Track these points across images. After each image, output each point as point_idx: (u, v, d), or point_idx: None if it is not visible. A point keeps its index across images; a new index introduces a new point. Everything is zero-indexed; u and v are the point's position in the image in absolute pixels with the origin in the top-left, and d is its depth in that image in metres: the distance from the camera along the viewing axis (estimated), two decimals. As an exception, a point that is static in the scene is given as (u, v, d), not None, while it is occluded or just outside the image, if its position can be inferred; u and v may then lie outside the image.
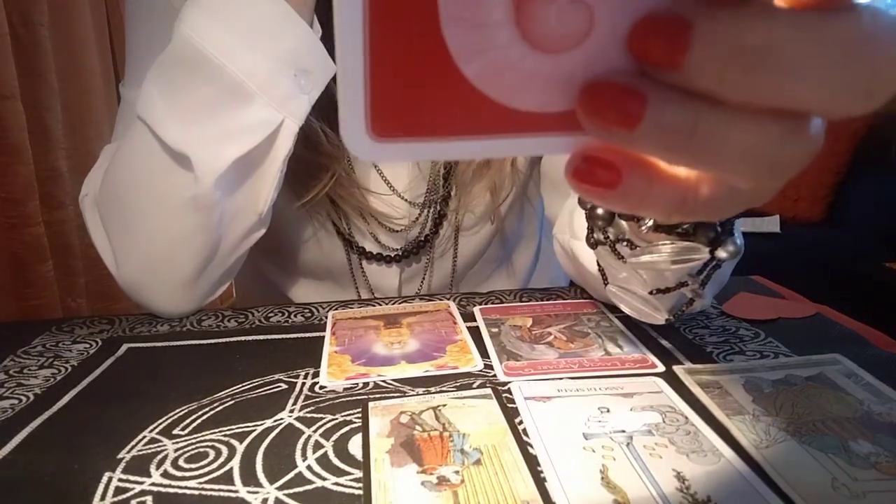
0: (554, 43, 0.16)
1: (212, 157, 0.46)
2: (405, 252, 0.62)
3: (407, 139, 0.16)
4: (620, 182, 0.17)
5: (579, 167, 0.17)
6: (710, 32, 0.15)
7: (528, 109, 0.17)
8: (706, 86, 0.15)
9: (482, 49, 0.16)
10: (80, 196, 0.56)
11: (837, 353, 0.41)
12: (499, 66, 0.16)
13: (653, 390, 0.38)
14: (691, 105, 0.16)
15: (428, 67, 0.16)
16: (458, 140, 0.17)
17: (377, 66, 0.15)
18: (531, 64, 0.16)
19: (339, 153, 0.57)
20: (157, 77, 0.47)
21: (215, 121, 0.46)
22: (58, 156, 1.23)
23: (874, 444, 0.32)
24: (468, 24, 0.15)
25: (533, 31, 0.16)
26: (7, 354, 0.47)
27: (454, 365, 0.43)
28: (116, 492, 0.31)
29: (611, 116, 0.16)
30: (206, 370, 0.44)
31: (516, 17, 0.15)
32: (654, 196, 0.18)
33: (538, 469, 0.31)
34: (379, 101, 0.16)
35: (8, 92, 1.10)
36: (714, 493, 0.28)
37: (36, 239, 1.18)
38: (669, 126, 0.16)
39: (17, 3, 1.13)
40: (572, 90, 0.16)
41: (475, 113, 0.16)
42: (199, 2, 0.45)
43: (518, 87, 0.16)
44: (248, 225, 0.52)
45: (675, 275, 0.39)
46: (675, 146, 0.16)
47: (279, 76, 0.46)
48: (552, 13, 0.15)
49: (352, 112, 0.16)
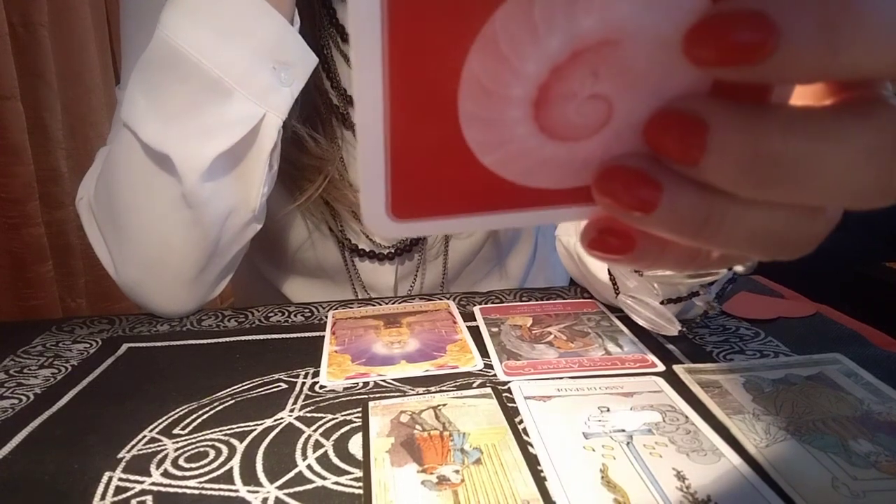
0: (571, 133, 0.16)
1: (193, 155, 0.46)
2: (398, 250, 0.63)
3: (425, 219, 0.17)
4: (634, 248, 0.17)
5: (595, 238, 0.18)
6: (726, 140, 0.14)
7: (543, 188, 0.17)
8: (721, 185, 0.15)
9: (500, 143, 0.16)
10: (77, 199, 0.56)
11: (837, 352, 0.41)
12: (516, 155, 0.16)
13: (653, 390, 0.38)
14: (705, 195, 0.16)
15: (446, 157, 0.16)
16: (474, 216, 0.17)
17: (397, 155, 0.15)
18: (548, 151, 0.16)
19: (330, 155, 0.57)
20: (138, 80, 0.48)
21: (195, 118, 0.46)
22: (58, 156, 1.23)
23: (874, 444, 0.32)
24: (487, 122, 0.15)
25: (551, 125, 0.16)
26: (7, 354, 0.47)
27: (454, 364, 0.43)
28: (116, 491, 0.31)
29: (627, 201, 0.16)
30: (206, 370, 0.44)
31: (534, 113, 0.15)
32: (666, 257, 0.18)
33: (538, 468, 0.31)
34: (399, 187, 0.16)
35: (8, 92, 1.10)
36: (714, 493, 0.28)
37: (36, 239, 1.18)
38: (683, 214, 0.16)
39: (17, 3, 1.13)
40: (588, 171, 0.16)
41: (491, 192, 0.17)
42: (176, 3, 0.45)
43: (534, 171, 0.16)
44: (243, 221, 0.52)
45: (688, 286, 0.39)
46: (687, 231, 0.16)
47: (257, 69, 0.46)
48: (571, 108, 0.15)
49: (373, 197, 0.16)
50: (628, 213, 0.16)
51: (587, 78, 0.15)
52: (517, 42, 0.14)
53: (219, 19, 0.45)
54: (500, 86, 0.15)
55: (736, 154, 0.14)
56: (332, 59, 0.58)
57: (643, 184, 0.16)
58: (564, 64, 0.15)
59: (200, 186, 0.47)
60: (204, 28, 0.45)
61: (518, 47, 0.14)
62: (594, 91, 0.15)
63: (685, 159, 0.15)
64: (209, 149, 0.46)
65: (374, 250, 0.62)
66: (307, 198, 0.57)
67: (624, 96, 0.15)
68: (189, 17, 0.45)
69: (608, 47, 0.14)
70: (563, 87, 0.15)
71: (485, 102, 0.15)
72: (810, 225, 0.16)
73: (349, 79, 0.59)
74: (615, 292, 0.46)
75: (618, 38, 0.14)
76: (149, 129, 0.46)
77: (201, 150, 0.46)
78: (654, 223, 0.16)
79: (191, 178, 0.47)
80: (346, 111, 0.59)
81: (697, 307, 0.44)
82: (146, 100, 0.47)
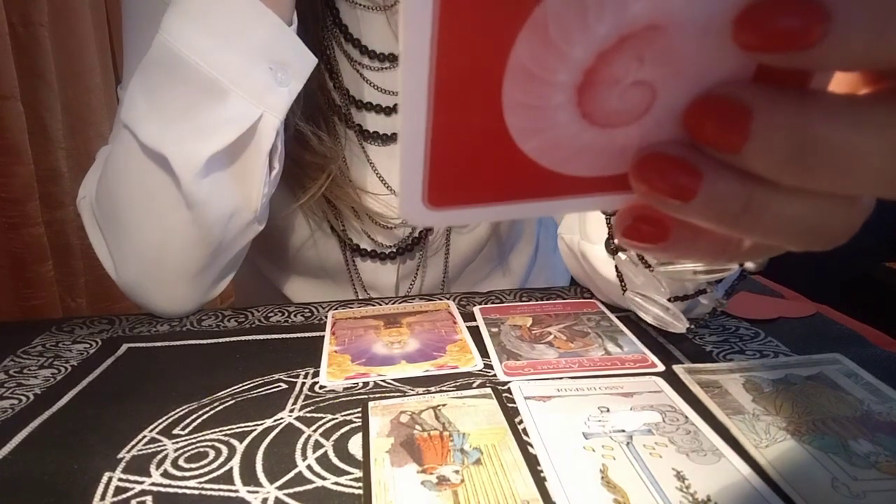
0: (612, 119, 0.16)
1: (188, 154, 0.47)
2: (399, 249, 0.63)
3: (460, 207, 0.17)
4: (668, 237, 0.17)
5: (629, 226, 0.17)
6: (770, 127, 0.14)
7: (579, 175, 0.17)
8: (762, 172, 0.15)
9: (542, 129, 0.16)
10: (78, 198, 0.56)
11: (837, 352, 0.41)
12: (556, 141, 0.16)
13: (653, 390, 0.38)
14: (745, 183, 0.15)
15: (486, 144, 0.16)
16: (508, 204, 0.17)
17: (438, 142, 0.15)
18: (588, 138, 0.16)
19: (333, 153, 0.57)
20: (138, 82, 0.48)
21: (192, 119, 0.46)
22: (58, 156, 1.23)
23: (874, 444, 0.32)
24: (530, 108, 0.15)
25: (593, 111, 0.15)
26: (7, 354, 0.47)
27: (454, 364, 0.43)
28: (116, 491, 0.31)
29: (665, 189, 0.16)
30: (206, 370, 0.44)
31: (577, 99, 0.15)
32: (698, 248, 0.18)
33: (538, 469, 0.31)
34: (436, 174, 0.16)
35: (8, 92, 1.10)
36: (714, 493, 0.28)
37: (36, 239, 1.18)
38: (722, 202, 0.16)
39: (17, 3, 1.13)
40: (625, 159, 0.16)
41: (528, 180, 0.17)
42: (175, 6, 0.46)
43: (573, 158, 0.16)
44: (244, 223, 0.52)
45: (696, 283, 0.39)
46: (725, 220, 0.16)
47: (253, 70, 0.46)
48: (615, 94, 0.15)
49: (410, 184, 0.16)
50: (665, 201, 0.16)
51: (632, 63, 0.15)
52: (566, 27, 0.14)
53: (215, 21, 0.45)
54: (547, 71, 0.15)
55: (779, 141, 0.14)
56: (335, 58, 0.58)
57: (682, 171, 0.16)
58: (611, 49, 0.15)
59: (198, 186, 0.47)
60: (201, 30, 0.45)
61: (567, 33, 0.14)
62: (638, 77, 0.15)
63: (727, 146, 0.15)
64: (205, 148, 0.47)
65: (376, 250, 0.62)
66: (310, 196, 0.57)
67: (667, 83, 0.15)
68: (187, 21, 0.45)
69: (655, 32, 0.14)
70: (608, 73, 0.15)
71: (530, 88, 0.15)
72: (847, 214, 0.16)
73: (351, 79, 0.59)
74: (622, 289, 0.46)
75: (666, 24, 0.14)
76: (147, 130, 0.47)
77: (196, 150, 0.47)
78: (691, 211, 0.16)
79: (187, 177, 0.47)
80: (349, 111, 0.59)
81: (703, 305, 0.44)
82: (146, 101, 0.47)
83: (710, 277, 0.37)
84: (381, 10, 0.58)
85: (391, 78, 0.60)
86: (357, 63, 0.59)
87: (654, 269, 0.39)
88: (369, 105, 0.60)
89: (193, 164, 0.47)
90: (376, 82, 0.59)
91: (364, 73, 0.59)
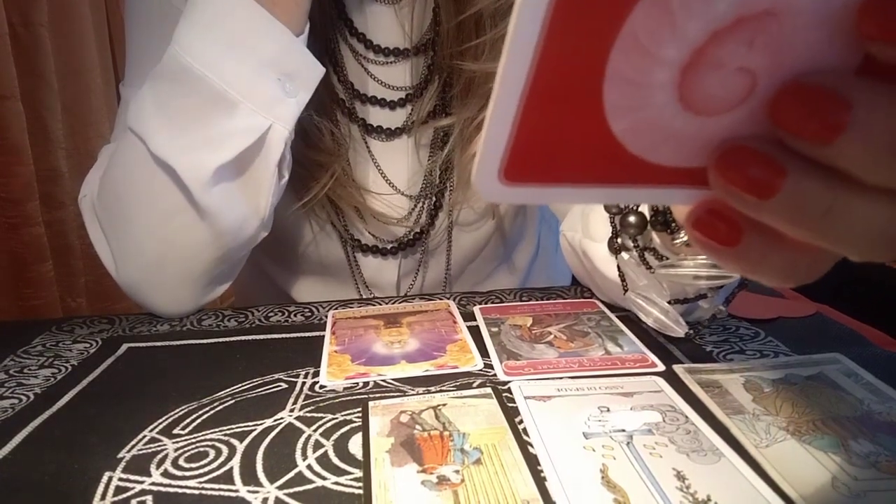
0: (708, 106, 0.15)
1: (195, 165, 0.47)
2: (401, 245, 0.63)
3: (535, 185, 0.16)
4: (740, 242, 0.16)
5: (702, 218, 0.17)
6: (870, 120, 0.14)
7: (662, 164, 0.16)
8: (851, 169, 0.15)
9: (637, 107, 0.15)
10: (79, 197, 0.56)
11: (837, 352, 0.41)
12: (648, 124, 0.16)
13: (653, 389, 0.38)
14: (830, 183, 0.15)
15: (577, 119, 0.15)
16: (582, 187, 0.17)
17: (529, 111, 0.15)
18: (679, 124, 0.16)
19: (339, 151, 0.57)
20: (148, 90, 0.48)
21: (201, 130, 0.47)
22: (58, 156, 1.23)
23: (874, 444, 0.32)
24: (631, 83, 0.15)
25: (691, 95, 0.15)
26: (7, 354, 0.47)
27: (454, 364, 0.43)
28: (116, 491, 0.31)
29: (746, 184, 0.15)
30: (206, 370, 0.44)
31: (679, 79, 0.15)
32: (768, 262, 0.17)
33: (538, 468, 0.31)
34: (519, 147, 0.15)
35: (8, 92, 1.10)
36: (714, 493, 0.28)
37: (36, 239, 1.18)
38: (805, 202, 0.15)
39: (17, 3, 1.13)
40: (710, 150, 0.16)
41: (608, 163, 0.16)
42: (187, 18, 0.46)
43: (659, 144, 0.16)
44: (251, 231, 0.53)
45: (697, 288, 0.39)
46: (805, 222, 0.15)
47: (261, 82, 0.47)
48: (717, 79, 0.15)
49: (490, 155, 0.16)
50: (744, 198, 0.15)
51: (741, 47, 0.15)
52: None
53: (225, 33, 0.46)
54: (657, 44, 0.14)
55: (877, 136, 0.14)
56: (340, 52, 0.58)
57: (767, 166, 0.15)
58: (726, 29, 0.14)
59: (209, 196, 0.48)
60: (211, 43, 0.45)
61: (689, 4, 0.14)
62: (743, 63, 0.15)
63: (820, 137, 0.14)
64: (213, 159, 0.47)
65: (377, 245, 0.62)
66: (313, 196, 0.57)
67: (769, 72, 0.15)
68: (198, 33, 0.46)
69: (770, 18, 0.14)
70: (715, 55, 0.15)
71: (636, 60, 0.14)
72: None
73: (356, 73, 0.59)
74: (623, 290, 0.46)
75: (783, 10, 0.14)
76: (157, 139, 0.47)
77: (204, 160, 0.47)
78: (771, 210, 0.15)
79: (195, 187, 0.47)
80: (353, 105, 0.59)
81: (702, 310, 0.44)
82: (155, 111, 0.47)
83: (710, 284, 0.37)
84: (388, 3, 0.58)
85: (395, 72, 0.60)
86: (362, 57, 0.59)
87: (655, 270, 0.39)
88: (374, 99, 0.59)
89: (202, 175, 0.47)
90: (381, 77, 0.59)
91: (369, 67, 0.59)
